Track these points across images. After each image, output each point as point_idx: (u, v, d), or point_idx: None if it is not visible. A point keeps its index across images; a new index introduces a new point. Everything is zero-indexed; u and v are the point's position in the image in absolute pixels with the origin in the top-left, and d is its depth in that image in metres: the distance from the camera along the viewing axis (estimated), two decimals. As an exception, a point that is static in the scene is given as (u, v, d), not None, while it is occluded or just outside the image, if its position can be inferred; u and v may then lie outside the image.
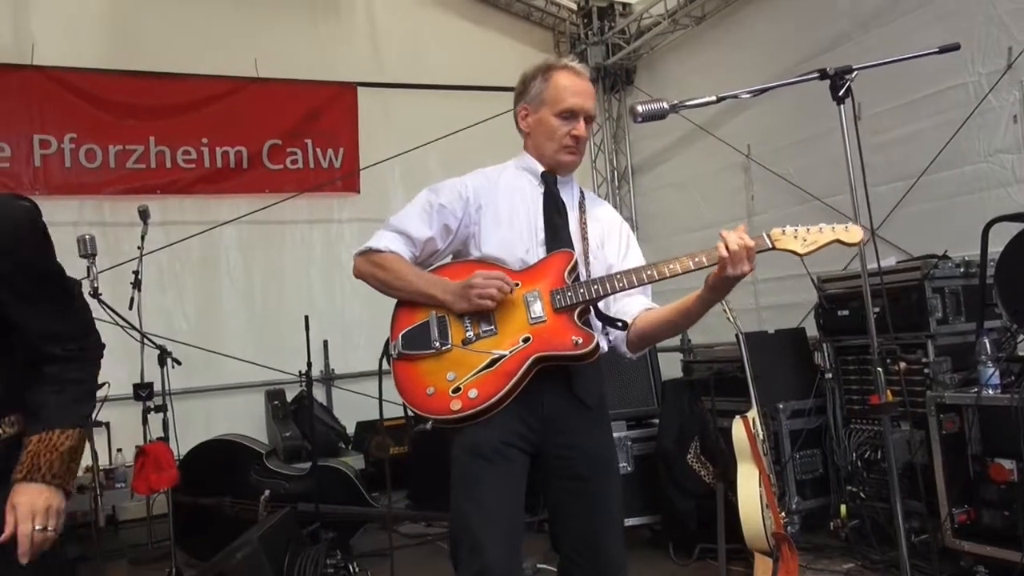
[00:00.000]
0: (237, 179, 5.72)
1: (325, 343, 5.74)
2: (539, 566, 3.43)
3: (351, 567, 3.03)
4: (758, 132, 5.18)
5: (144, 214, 4.07)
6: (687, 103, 2.01)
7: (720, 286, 1.87)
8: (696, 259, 1.91)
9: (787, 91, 2.10)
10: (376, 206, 5.97)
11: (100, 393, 3.87)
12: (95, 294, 3.44)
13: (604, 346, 2.02)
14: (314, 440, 4.17)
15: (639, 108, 1.97)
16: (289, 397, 5.32)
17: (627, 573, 1.97)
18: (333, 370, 5.85)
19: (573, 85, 2.05)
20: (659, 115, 1.96)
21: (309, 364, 3.88)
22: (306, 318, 3.92)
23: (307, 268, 5.94)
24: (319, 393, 5.62)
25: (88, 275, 3.44)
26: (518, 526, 1.88)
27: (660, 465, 3.45)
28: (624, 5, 6.44)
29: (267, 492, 3.90)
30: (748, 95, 2.08)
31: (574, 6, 6.59)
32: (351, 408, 5.67)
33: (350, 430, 5.50)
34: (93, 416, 3.95)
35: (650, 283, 2.00)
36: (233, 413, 5.39)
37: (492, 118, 5.69)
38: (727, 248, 1.81)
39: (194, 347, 5.04)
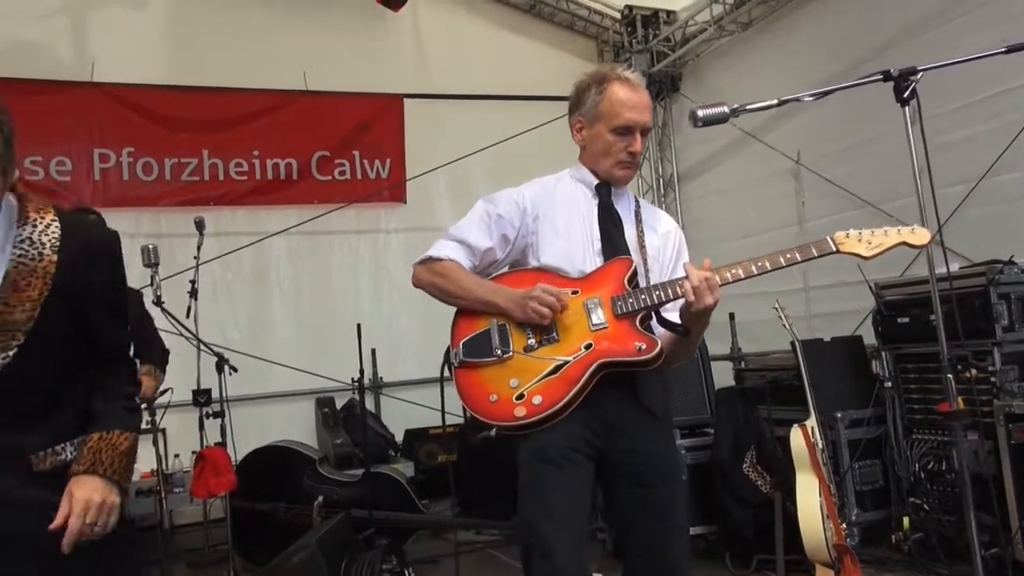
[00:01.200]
0: (287, 190, 5.83)
1: (373, 351, 5.80)
2: (594, 575, 3.40)
3: (406, 572, 3.05)
4: (808, 137, 5.11)
5: (200, 225, 4.16)
6: (748, 107, 1.99)
7: (692, 317, 1.91)
8: (734, 271, 1.91)
9: (837, 96, 2.07)
10: (422, 216, 6.05)
11: (163, 399, 3.98)
12: (158, 302, 3.53)
13: None
14: (367, 447, 4.20)
15: (699, 113, 1.96)
16: (338, 405, 5.40)
17: (692, 584, 1.95)
18: (381, 378, 5.91)
19: (629, 99, 2.03)
20: (720, 119, 1.94)
21: (362, 372, 3.93)
22: (358, 326, 3.97)
23: (355, 277, 6.02)
24: (367, 401, 5.68)
25: (151, 284, 3.53)
26: (586, 531, 1.88)
27: (715, 474, 3.41)
28: (668, 13, 6.42)
29: (320, 498, 3.94)
30: (810, 98, 2.06)
31: (618, 15, 6.58)
32: (399, 416, 5.73)
33: (398, 438, 5.56)
34: (157, 421, 4.10)
35: (734, 281, 1.98)
36: (284, 420, 5.47)
37: (537, 127, 5.73)
38: (690, 285, 1.85)
39: (246, 355, 5.13)
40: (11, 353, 1.48)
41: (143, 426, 3.51)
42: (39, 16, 5.35)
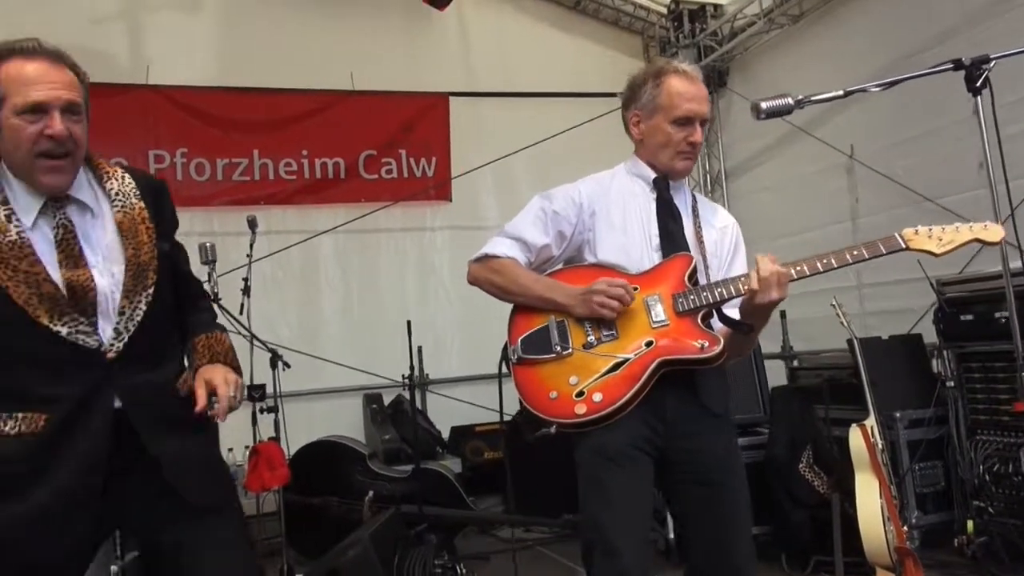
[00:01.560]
0: (335, 189, 5.89)
1: (419, 348, 5.84)
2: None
3: (458, 568, 3.06)
4: (861, 131, 5.00)
5: (252, 223, 4.24)
6: (812, 98, 1.95)
7: (754, 311, 1.89)
8: (799, 268, 1.88)
9: (892, 88, 2.00)
10: (468, 214, 6.07)
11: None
12: (215, 299, 3.60)
13: None
14: (417, 443, 4.24)
15: (763, 105, 1.93)
16: (385, 401, 5.44)
17: (758, 586, 1.92)
18: (427, 375, 5.94)
19: (687, 90, 2.03)
20: (784, 111, 1.91)
21: (412, 368, 3.96)
22: (408, 323, 4.00)
23: (401, 275, 6.05)
24: (411, 397, 5.72)
25: (209, 280, 3.60)
26: (648, 530, 1.87)
27: (771, 474, 3.35)
28: (716, 7, 6.33)
29: (371, 493, 3.99)
30: (877, 88, 2.00)
31: (664, 10, 6.52)
32: (444, 413, 5.75)
33: (443, 434, 5.58)
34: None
35: (799, 278, 1.95)
36: (332, 416, 5.52)
37: (582, 124, 5.71)
38: (758, 276, 1.82)
39: (295, 351, 5.20)
40: (151, 291, 1.64)
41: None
42: (97, 21, 5.49)
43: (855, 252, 1.87)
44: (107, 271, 1.61)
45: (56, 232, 1.59)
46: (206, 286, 3.64)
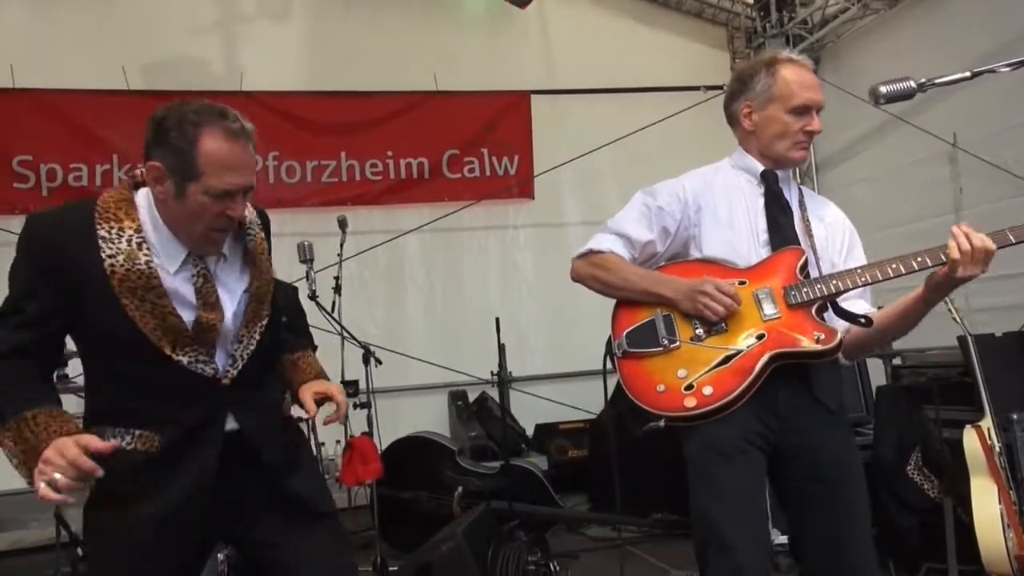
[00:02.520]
0: (419, 189, 5.98)
1: (502, 346, 5.86)
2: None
3: (552, 566, 3.06)
4: (965, 118, 4.75)
5: (343, 223, 4.35)
6: (936, 80, 1.85)
7: (946, 286, 1.79)
8: (893, 266, 1.83)
9: (997, 73, 1.87)
10: (550, 211, 6.07)
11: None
12: (312, 296, 3.70)
13: None
14: (505, 440, 4.26)
15: (882, 89, 1.84)
16: (470, 398, 5.49)
17: (877, 585, 1.84)
18: (510, 372, 5.94)
19: (802, 79, 1.98)
20: (906, 95, 1.81)
21: (501, 366, 3.98)
22: (496, 320, 4.02)
23: (484, 273, 6.10)
24: (497, 395, 5.75)
25: (307, 278, 3.71)
26: (765, 525, 1.82)
27: (877, 476, 3.21)
28: (805, -6, 6.15)
29: (460, 488, 4.03)
30: (1007, 68, 1.88)
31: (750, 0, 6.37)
32: (527, 410, 5.76)
33: (527, 432, 5.59)
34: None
35: (895, 276, 1.88)
36: (417, 412, 5.60)
37: (666, 119, 5.62)
38: (959, 249, 1.72)
39: (382, 349, 5.30)
40: (264, 322, 1.71)
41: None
42: (195, 32, 5.74)
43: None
44: (233, 307, 1.66)
45: (196, 280, 1.62)
46: (304, 284, 3.78)
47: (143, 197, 1.63)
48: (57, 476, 1.40)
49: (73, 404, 1.88)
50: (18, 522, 4.45)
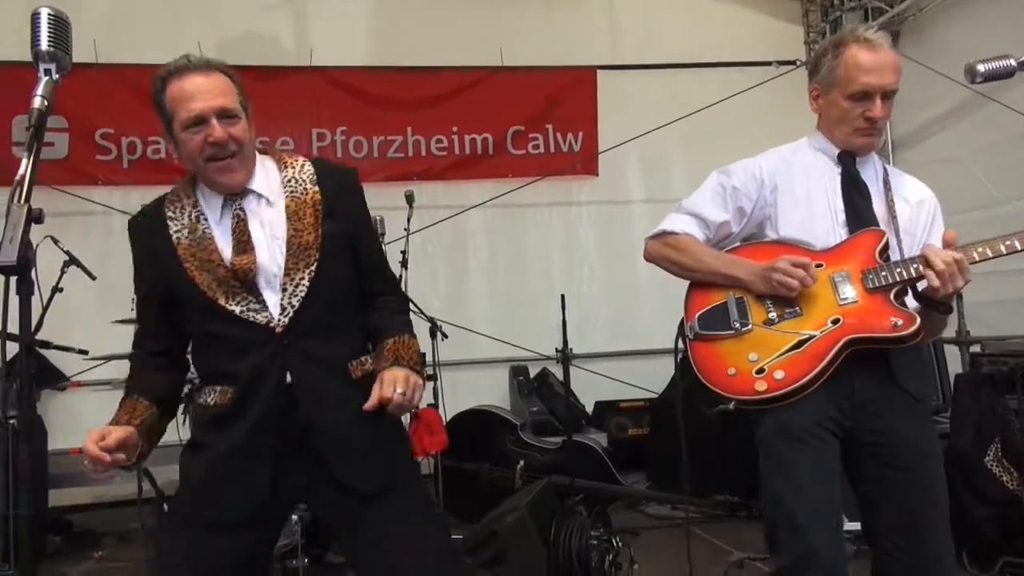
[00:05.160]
0: (483, 165, 6.00)
1: (564, 322, 5.88)
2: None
3: (614, 541, 3.09)
4: (1055, 96, 4.51)
5: (410, 198, 4.42)
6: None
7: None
8: (980, 249, 1.80)
9: None
10: (614, 188, 6.01)
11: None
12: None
13: None
14: (567, 416, 4.30)
15: (979, 67, 1.78)
16: (531, 373, 5.53)
17: (956, 573, 1.82)
18: (571, 349, 5.97)
19: (867, 61, 1.91)
20: (1005, 74, 1.76)
21: (564, 342, 4.01)
22: (562, 297, 4.05)
23: (547, 250, 6.09)
24: (558, 371, 5.79)
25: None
26: (838, 509, 1.81)
27: (952, 466, 3.13)
28: (886, -36, 5.90)
29: (522, 462, 4.09)
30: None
31: (826, -31, 6.14)
32: (586, 387, 5.77)
33: (586, 408, 5.61)
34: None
35: (981, 261, 1.83)
36: (477, 386, 5.66)
37: (735, 95, 5.50)
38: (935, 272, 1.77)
39: (446, 323, 5.39)
40: (312, 268, 1.72)
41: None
42: (265, 9, 5.85)
43: None
44: (270, 252, 1.72)
45: (233, 222, 1.73)
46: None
47: None
48: (85, 462, 1.58)
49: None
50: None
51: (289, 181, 1.78)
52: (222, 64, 1.74)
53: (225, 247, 1.71)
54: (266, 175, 1.79)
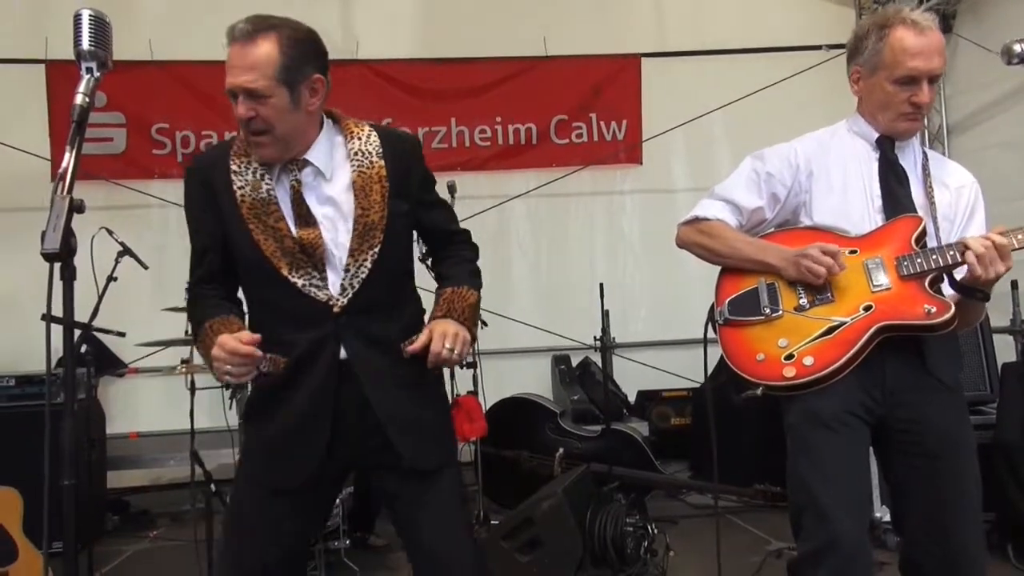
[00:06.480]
0: (527, 155, 6.01)
1: (606, 312, 5.88)
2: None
3: (650, 528, 3.10)
4: (1122, 76, 4.31)
5: (452, 188, 4.43)
6: (1078, 40, 1.72)
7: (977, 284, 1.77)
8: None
9: None
10: (658, 177, 5.96)
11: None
12: (424, 258, 3.83)
13: None
14: (607, 404, 4.31)
15: (1016, 48, 1.73)
16: (573, 362, 5.54)
17: (983, 567, 1.78)
18: (614, 338, 5.97)
19: (914, 45, 1.85)
20: (1043, 54, 1.70)
21: (604, 331, 4.01)
22: (601, 286, 4.05)
23: (590, 239, 6.08)
24: (600, 360, 5.78)
25: (418, 242, 3.83)
26: (866, 497, 1.80)
27: (999, 459, 3.05)
28: (942, -59, 5.68)
29: (561, 450, 4.12)
30: None
31: (879, -51, 5.95)
32: (630, 377, 5.76)
33: (628, 398, 5.60)
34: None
35: (1020, 248, 1.78)
36: (519, 374, 5.69)
37: (783, 80, 5.38)
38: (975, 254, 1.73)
39: (488, 312, 5.42)
40: (376, 249, 1.72)
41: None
42: (313, 3, 5.93)
43: None
44: (334, 230, 1.71)
45: (290, 192, 1.72)
46: (416, 247, 3.90)
47: None
48: (228, 368, 1.59)
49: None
50: (158, 460, 4.89)
51: (356, 154, 1.75)
52: (272, 24, 1.68)
53: (288, 215, 1.70)
54: (331, 147, 1.77)
